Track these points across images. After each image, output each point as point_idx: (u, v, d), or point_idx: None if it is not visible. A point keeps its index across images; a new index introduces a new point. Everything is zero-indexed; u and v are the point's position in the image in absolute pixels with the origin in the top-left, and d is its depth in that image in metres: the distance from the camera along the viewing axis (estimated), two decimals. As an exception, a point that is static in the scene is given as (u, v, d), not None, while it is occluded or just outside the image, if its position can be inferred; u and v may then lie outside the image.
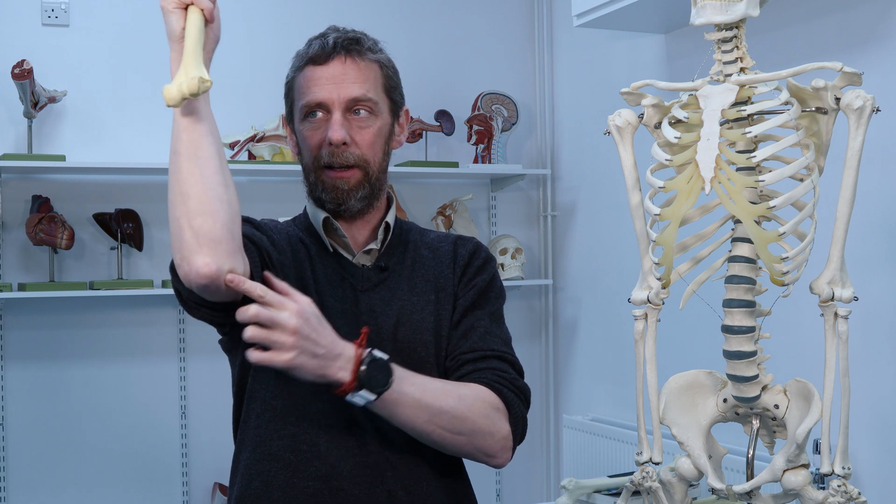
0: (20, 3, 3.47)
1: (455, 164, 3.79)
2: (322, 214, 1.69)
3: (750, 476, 1.69)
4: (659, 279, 1.69)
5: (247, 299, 1.43)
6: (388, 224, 1.73)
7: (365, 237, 1.73)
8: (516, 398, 1.67)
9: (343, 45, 1.64)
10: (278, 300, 1.43)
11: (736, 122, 1.63)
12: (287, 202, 3.69)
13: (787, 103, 1.61)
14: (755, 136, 1.60)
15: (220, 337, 1.72)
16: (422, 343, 1.67)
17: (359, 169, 1.65)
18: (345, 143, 1.62)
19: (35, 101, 3.32)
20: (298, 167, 1.74)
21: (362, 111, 1.64)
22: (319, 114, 1.64)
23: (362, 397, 1.49)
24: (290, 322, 1.41)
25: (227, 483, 3.58)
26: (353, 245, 1.71)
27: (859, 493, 1.57)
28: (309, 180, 1.69)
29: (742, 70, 1.66)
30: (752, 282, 1.64)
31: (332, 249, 1.70)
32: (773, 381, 1.68)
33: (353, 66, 1.64)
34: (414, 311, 1.69)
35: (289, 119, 1.72)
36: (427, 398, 1.55)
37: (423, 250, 1.76)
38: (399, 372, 1.52)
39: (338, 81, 1.62)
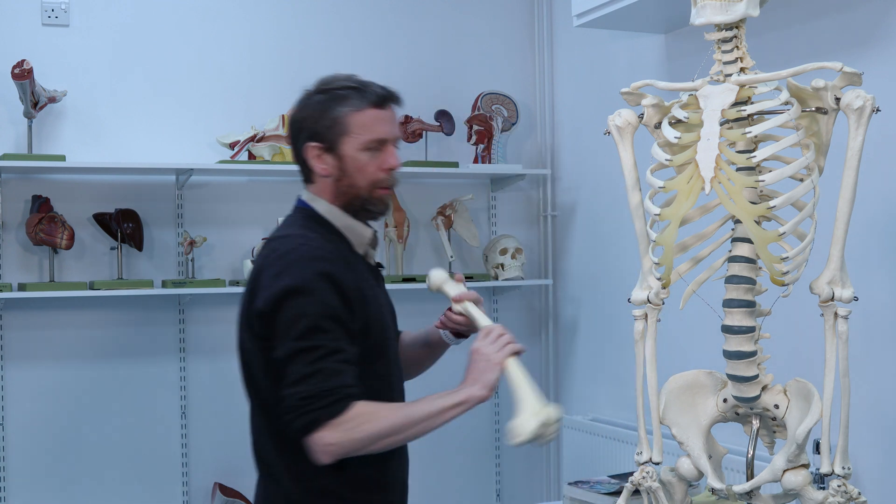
0: (20, 3, 3.46)
1: (455, 164, 3.79)
2: (369, 231, 2.03)
3: (750, 476, 1.69)
4: (659, 279, 1.69)
5: None
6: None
7: None
8: None
9: (390, 96, 1.99)
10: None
11: (736, 122, 1.63)
12: (288, 202, 3.67)
13: (787, 103, 1.61)
14: (755, 136, 1.60)
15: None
16: None
17: None
18: None
19: (35, 101, 3.32)
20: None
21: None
22: (379, 147, 1.96)
23: None
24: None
25: (226, 483, 3.59)
26: None
27: (859, 493, 1.57)
28: (361, 197, 1.97)
29: (742, 70, 1.66)
30: (752, 282, 1.64)
31: (362, 252, 2.03)
32: (773, 381, 1.68)
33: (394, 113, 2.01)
34: None
35: (329, 147, 1.96)
36: None
37: None
38: None
39: (393, 122, 2.00)
